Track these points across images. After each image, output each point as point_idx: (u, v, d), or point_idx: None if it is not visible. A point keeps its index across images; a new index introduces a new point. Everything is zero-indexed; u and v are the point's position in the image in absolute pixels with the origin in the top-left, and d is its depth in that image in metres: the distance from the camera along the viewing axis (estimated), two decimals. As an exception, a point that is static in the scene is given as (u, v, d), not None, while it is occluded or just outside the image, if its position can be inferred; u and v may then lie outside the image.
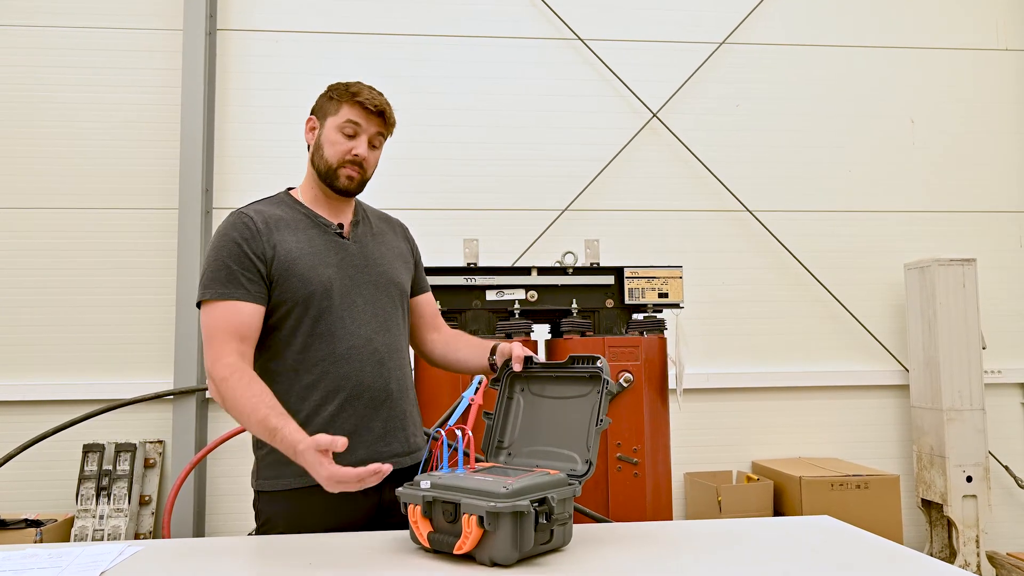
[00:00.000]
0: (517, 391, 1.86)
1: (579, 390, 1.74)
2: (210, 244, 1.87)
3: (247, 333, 1.80)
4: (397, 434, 1.93)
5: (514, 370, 1.85)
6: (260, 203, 1.97)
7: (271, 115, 4.87)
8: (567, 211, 4.94)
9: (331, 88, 1.97)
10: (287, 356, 1.87)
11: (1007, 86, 5.35)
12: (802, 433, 5.00)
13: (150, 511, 4.50)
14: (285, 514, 1.85)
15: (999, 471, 4.95)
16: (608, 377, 1.70)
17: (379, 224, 2.11)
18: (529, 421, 1.81)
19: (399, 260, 2.08)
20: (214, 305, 1.80)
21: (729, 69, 5.18)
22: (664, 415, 3.37)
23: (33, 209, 4.70)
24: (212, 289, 1.81)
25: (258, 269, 1.83)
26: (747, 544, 1.65)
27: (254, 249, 1.83)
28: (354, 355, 1.88)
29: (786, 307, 5.07)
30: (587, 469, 1.63)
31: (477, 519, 1.42)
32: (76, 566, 1.48)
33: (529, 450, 1.77)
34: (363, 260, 1.97)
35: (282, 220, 1.91)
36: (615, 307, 3.49)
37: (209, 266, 1.84)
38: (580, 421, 1.70)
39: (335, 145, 1.92)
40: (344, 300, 1.89)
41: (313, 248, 1.90)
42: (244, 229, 1.85)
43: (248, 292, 1.81)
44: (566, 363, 1.78)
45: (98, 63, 4.80)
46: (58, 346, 4.64)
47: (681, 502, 4.77)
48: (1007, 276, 5.20)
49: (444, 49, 5.02)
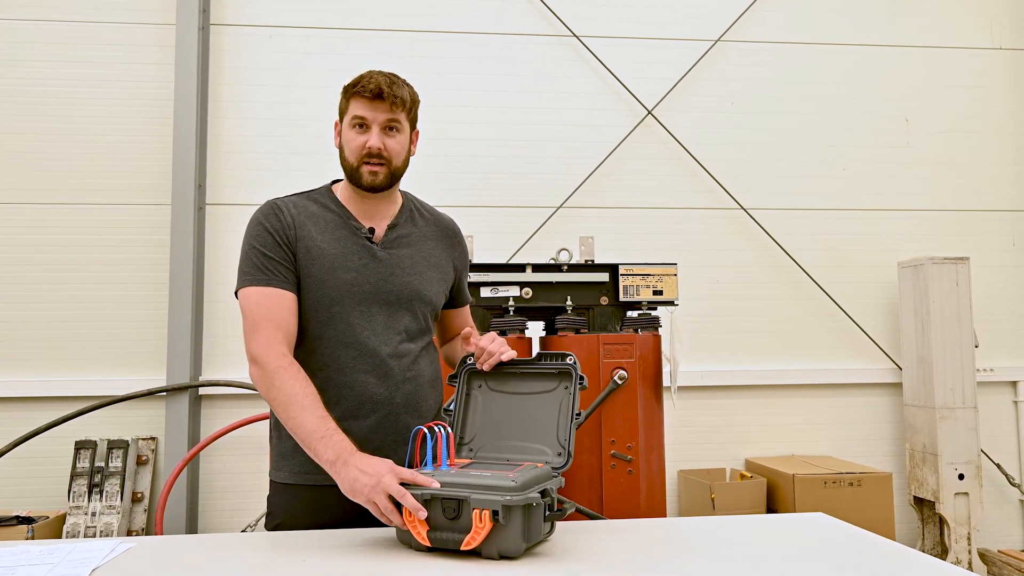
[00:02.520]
0: (475, 387, 1.86)
1: (544, 386, 1.76)
2: (245, 233, 1.86)
3: (286, 320, 1.79)
4: (398, 448, 1.85)
5: (475, 368, 1.85)
6: (299, 195, 1.94)
7: (265, 111, 4.85)
8: (562, 208, 4.94)
9: (344, 86, 1.92)
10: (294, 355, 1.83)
11: (1002, 85, 5.37)
12: (795, 431, 5.02)
13: (142, 508, 4.49)
14: (284, 505, 1.86)
15: (991, 469, 4.98)
16: (580, 372, 1.73)
17: (426, 228, 2.02)
18: (491, 416, 1.81)
19: (434, 271, 1.98)
20: (253, 290, 1.79)
21: (724, 67, 5.18)
22: (658, 412, 3.37)
23: (25, 204, 4.67)
24: (252, 275, 1.80)
25: (289, 258, 1.83)
26: (742, 541, 1.65)
27: (284, 239, 1.83)
28: (359, 365, 1.84)
29: (780, 305, 5.08)
30: (565, 461, 1.67)
31: (491, 513, 1.43)
32: (68, 563, 1.47)
33: (493, 445, 1.77)
34: (389, 268, 1.90)
35: (313, 215, 1.88)
36: (610, 304, 3.49)
37: (246, 254, 1.83)
38: (548, 416, 1.73)
39: (350, 143, 1.87)
40: (358, 308, 1.85)
41: (335, 250, 1.86)
42: (274, 218, 1.84)
43: (286, 280, 1.81)
44: (534, 360, 1.80)
45: (91, 58, 4.78)
46: (50, 342, 4.62)
47: (674, 499, 4.78)
48: (1000, 275, 5.22)
49: (437, 45, 5.01)
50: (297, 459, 1.82)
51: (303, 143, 4.79)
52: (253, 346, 1.76)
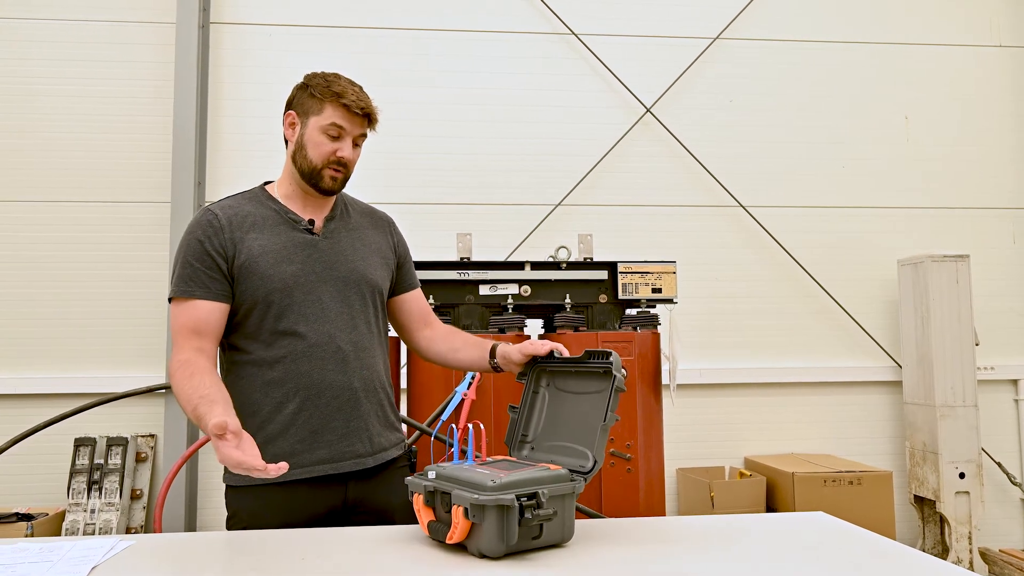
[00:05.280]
0: (543, 385, 1.86)
1: (596, 386, 1.74)
2: (180, 243, 1.89)
3: (205, 329, 1.81)
4: (360, 434, 1.90)
5: (544, 366, 1.84)
6: (232, 199, 1.95)
7: (264, 109, 4.84)
8: (560, 206, 4.93)
9: (311, 83, 1.92)
10: (253, 352, 1.87)
11: (1002, 83, 5.36)
12: (795, 429, 5.01)
13: (141, 505, 4.49)
14: (249, 508, 1.85)
15: (992, 467, 4.97)
16: (618, 372, 1.68)
17: (360, 219, 2.07)
18: (552, 416, 1.81)
19: (376, 256, 2.03)
20: (177, 303, 1.83)
21: (723, 65, 5.17)
22: (657, 410, 3.37)
23: (24, 202, 4.67)
24: (175, 287, 1.83)
25: (219, 266, 1.83)
26: (742, 540, 1.65)
27: (215, 247, 1.83)
28: (316, 353, 1.86)
29: (780, 303, 5.08)
30: (592, 465, 1.63)
31: (463, 510, 1.44)
32: (67, 560, 1.47)
33: (549, 444, 1.77)
34: (333, 256, 1.93)
35: (249, 217, 1.90)
36: (608, 302, 3.49)
37: (176, 264, 1.86)
38: (595, 417, 1.70)
39: (319, 147, 1.89)
40: (307, 297, 1.87)
41: (277, 245, 1.88)
42: (207, 227, 1.85)
43: (208, 290, 1.82)
44: (582, 358, 1.77)
45: (91, 56, 4.77)
46: (50, 339, 4.62)
47: (673, 498, 4.78)
48: (1000, 273, 5.22)
49: (437, 43, 5.01)
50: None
51: (302, 141, 4.78)
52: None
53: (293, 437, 1.83)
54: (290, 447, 1.83)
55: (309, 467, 1.83)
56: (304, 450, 1.84)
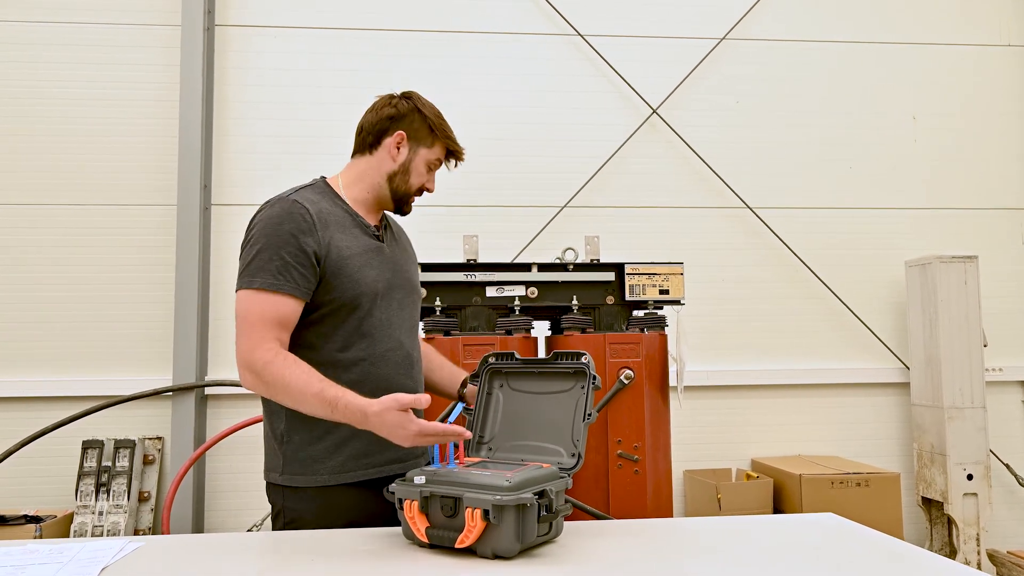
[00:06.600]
0: (496, 386, 1.87)
1: (562, 385, 1.76)
2: (258, 230, 1.82)
3: (288, 324, 1.80)
4: None
5: (497, 366, 1.87)
6: (307, 192, 1.91)
7: (270, 111, 4.85)
8: (567, 207, 4.93)
9: (426, 111, 2.01)
10: (324, 351, 1.85)
11: (1010, 83, 5.34)
12: (802, 431, 5.00)
13: (149, 507, 4.49)
14: (315, 511, 1.84)
15: (1000, 469, 4.95)
16: (594, 372, 1.72)
17: (395, 228, 2.15)
18: (510, 416, 1.82)
19: (415, 265, 2.14)
20: (260, 294, 1.77)
21: (729, 65, 5.16)
22: (665, 412, 3.36)
23: (30, 205, 4.69)
24: (261, 278, 1.77)
25: (312, 264, 1.80)
26: (751, 542, 1.64)
27: (310, 244, 1.80)
28: (390, 357, 1.91)
29: (787, 304, 5.07)
30: (576, 462, 1.66)
31: (482, 512, 1.43)
32: (77, 562, 1.47)
33: (511, 445, 1.78)
34: (394, 264, 1.99)
35: (331, 216, 1.88)
36: (616, 304, 3.47)
37: (260, 253, 1.78)
38: (564, 416, 1.72)
39: (421, 176, 2.01)
40: (383, 303, 1.91)
41: (358, 248, 1.89)
42: (301, 221, 1.81)
43: (298, 287, 1.78)
44: (550, 359, 1.80)
45: (96, 59, 4.79)
46: (57, 342, 4.63)
47: (680, 500, 4.76)
48: (1009, 274, 5.19)
49: (442, 45, 5.01)
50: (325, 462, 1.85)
51: (309, 144, 4.79)
52: (239, 350, 1.76)
53: (368, 437, 1.77)
54: (364, 447, 1.85)
55: (380, 467, 1.88)
56: (376, 451, 1.86)
